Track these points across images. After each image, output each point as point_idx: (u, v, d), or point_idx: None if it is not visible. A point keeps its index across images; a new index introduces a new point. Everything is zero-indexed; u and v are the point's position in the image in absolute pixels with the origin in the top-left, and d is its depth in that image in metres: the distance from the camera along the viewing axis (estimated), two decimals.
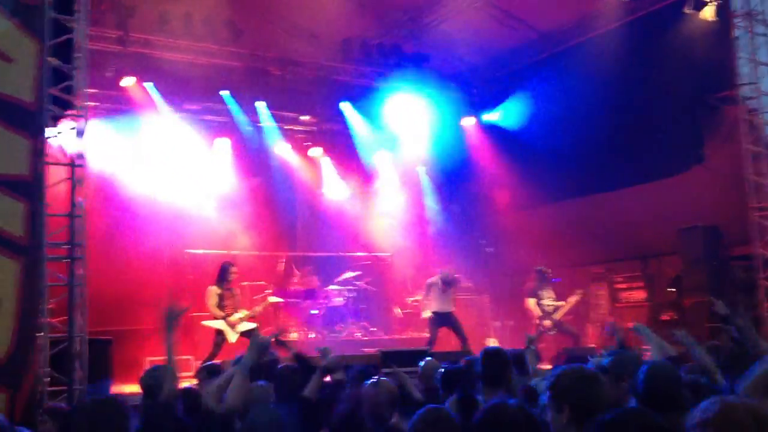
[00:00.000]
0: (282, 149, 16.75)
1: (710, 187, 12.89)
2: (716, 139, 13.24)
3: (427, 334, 13.12)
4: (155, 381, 4.96)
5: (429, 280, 13.13)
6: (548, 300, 12.69)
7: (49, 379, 7.76)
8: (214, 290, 11.68)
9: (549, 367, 7.13)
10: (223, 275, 11.75)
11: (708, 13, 12.74)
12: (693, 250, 12.86)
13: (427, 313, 12.99)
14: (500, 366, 5.04)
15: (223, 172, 15.72)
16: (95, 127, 13.53)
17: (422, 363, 6.90)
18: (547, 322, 12.40)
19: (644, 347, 7.91)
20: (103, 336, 10.02)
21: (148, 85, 14.13)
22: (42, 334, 7.68)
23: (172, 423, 4.55)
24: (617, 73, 13.74)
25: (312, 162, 17.19)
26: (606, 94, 13.92)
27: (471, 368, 5.50)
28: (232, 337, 11.49)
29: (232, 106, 15.37)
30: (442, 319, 12.70)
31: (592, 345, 13.11)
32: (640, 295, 14.22)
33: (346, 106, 16.44)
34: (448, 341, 14.25)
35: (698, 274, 12.58)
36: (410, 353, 9.83)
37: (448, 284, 12.79)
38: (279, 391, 5.47)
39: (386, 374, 6.13)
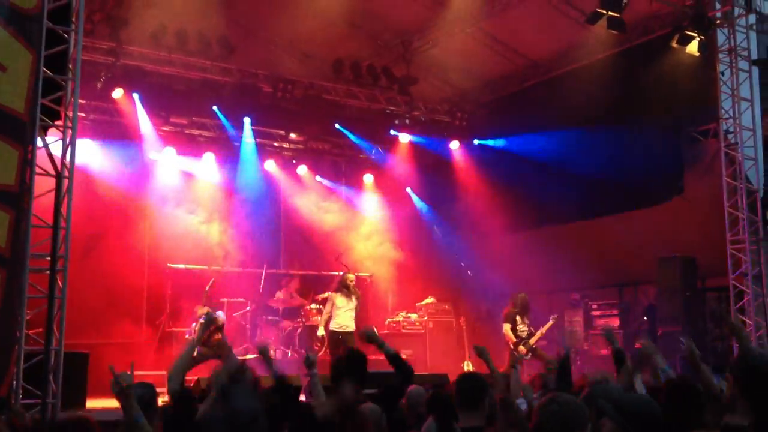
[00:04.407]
0: (269, 166, 16.84)
1: (689, 219, 13.10)
2: (696, 172, 13.46)
3: (404, 356, 13.08)
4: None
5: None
6: (523, 326, 12.75)
7: (21, 392, 7.65)
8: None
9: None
10: None
11: (693, 47, 12.95)
12: (669, 279, 13.03)
13: (321, 331, 12.47)
14: (475, 390, 5.06)
15: (208, 187, 15.77)
16: (81, 137, 13.61)
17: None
18: (522, 348, 12.48)
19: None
20: (78, 349, 9.98)
21: (135, 96, 14.18)
22: (16, 347, 7.61)
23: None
24: (602, 103, 13.94)
25: (298, 180, 17.27)
26: (590, 122, 14.12)
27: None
28: None
29: (222, 120, 15.46)
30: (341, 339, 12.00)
31: None
32: (614, 322, 14.34)
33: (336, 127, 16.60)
34: (424, 363, 14.34)
35: (672, 303, 12.74)
36: (388, 374, 9.83)
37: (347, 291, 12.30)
38: None
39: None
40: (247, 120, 15.71)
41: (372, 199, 17.72)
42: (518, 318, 12.69)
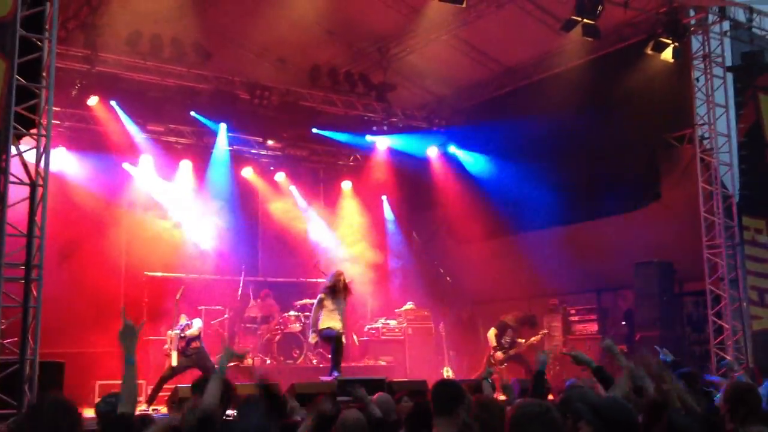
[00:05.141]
0: (246, 173, 16.77)
1: (665, 224, 13.20)
2: (672, 177, 13.58)
3: (383, 362, 13.06)
4: (111, 408, 4.87)
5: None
6: (509, 336, 12.77)
7: None
8: None
9: (503, 397, 7.19)
10: None
11: (668, 54, 13.07)
12: (647, 284, 13.13)
13: (313, 338, 11.65)
14: (449, 397, 5.06)
15: (185, 195, 15.68)
16: (56, 145, 13.49)
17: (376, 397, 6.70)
18: (499, 355, 12.49)
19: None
20: (53, 358, 9.86)
21: (112, 104, 14.12)
22: None
23: None
24: (579, 109, 14.03)
25: (276, 187, 17.21)
26: (567, 129, 14.19)
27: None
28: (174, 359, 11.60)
29: (204, 122, 15.39)
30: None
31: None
32: (592, 327, 14.41)
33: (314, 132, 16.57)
34: (403, 369, 14.32)
35: (650, 308, 12.83)
36: (368, 381, 9.81)
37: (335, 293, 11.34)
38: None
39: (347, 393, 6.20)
40: (223, 126, 15.63)
41: (350, 206, 17.69)
42: (510, 330, 12.74)
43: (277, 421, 5.20)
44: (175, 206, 15.45)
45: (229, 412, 5.41)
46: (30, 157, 8.52)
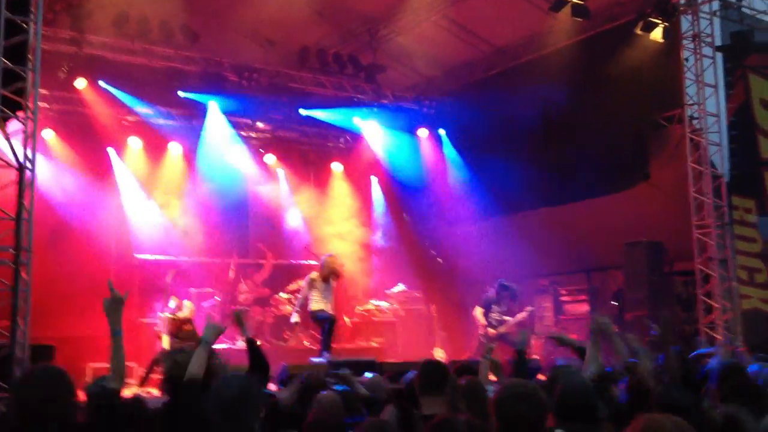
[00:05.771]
0: (236, 155, 16.69)
1: (655, 204, 13.26)
2: (661, 157, 13.61)
3: (376, 344, 13.09)
4: (102, 390, 4.85)
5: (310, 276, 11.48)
6: (496, 314, 12.79)
7: None
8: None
9: (494, 378, 7.23)
10: None
11: (657, 34, 13.06)
12: (636, 264, 13.20)
13: (295, 318, 11.58)
14: (436, 376, 5.11)
15: (174, 177, 15.62)
16: (43, 127, 13.42)
17: (368, 376, 6.87)
18: (491, 330, 12.52)
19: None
20: (44, 341, 9.88)
21: (103, 83, 14.03)
22: None
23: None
24: (568, 90, 14.02)
25: (266, 169, 17.16)
26: (556, 109, 14.20)
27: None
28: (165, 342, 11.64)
29: (190, 109, 15.31)
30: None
31: (536, 356, 13.30)
32: (583, 308, 14.48)
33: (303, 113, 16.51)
34: (395, 351, 14.38)
35: (639, 288, 12.90)
36: (358, 363, 9.85)
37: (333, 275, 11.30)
38: None
39: (333, 375, 6.28)
40: (214, 105, 15.52)
41: (341, 188, 17.66)
42: (495, 306, 12.73)
43: (262, 380, 5.25)
44: (164, 189, 15.39)
45: None
46: (17, 140, 8.48)
